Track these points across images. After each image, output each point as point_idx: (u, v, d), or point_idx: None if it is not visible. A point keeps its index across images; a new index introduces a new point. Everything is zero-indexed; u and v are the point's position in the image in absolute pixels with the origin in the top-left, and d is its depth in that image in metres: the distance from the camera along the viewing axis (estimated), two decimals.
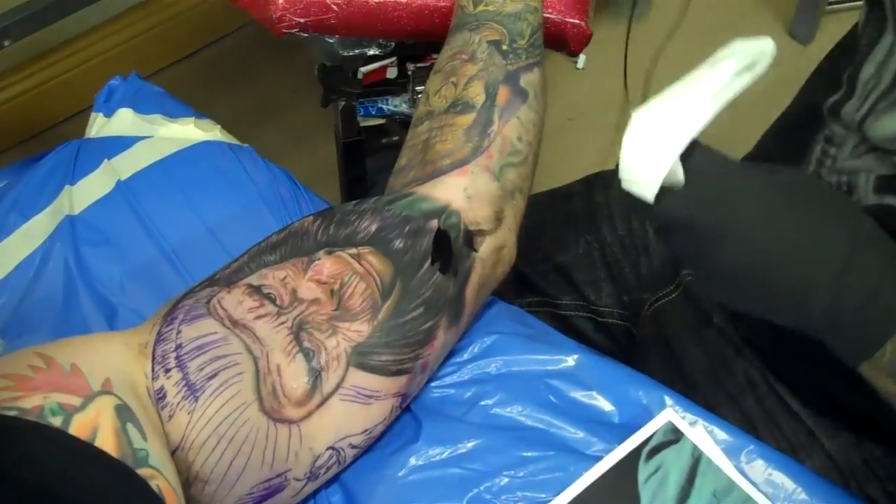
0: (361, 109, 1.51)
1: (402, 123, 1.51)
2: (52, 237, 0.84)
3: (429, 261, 0.73)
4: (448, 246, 0.75)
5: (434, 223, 0.75)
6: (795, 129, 0.77)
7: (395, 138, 1.47)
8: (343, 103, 1.25)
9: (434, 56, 0.93)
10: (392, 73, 1.55)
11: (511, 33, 0.86)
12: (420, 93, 1.51)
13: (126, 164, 0.88)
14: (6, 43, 1.42)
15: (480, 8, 0.89)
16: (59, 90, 1.84)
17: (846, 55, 0.82)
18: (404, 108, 1.58)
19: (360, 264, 0.72)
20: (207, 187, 0.88)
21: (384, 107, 1.57)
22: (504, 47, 0.86)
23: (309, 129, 1.83)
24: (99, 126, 0.93)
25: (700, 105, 0.63)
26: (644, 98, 0.65)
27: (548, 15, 1.00)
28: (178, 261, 0.83)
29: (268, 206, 0.87)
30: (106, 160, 0.89)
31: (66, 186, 0.87)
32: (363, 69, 1.45)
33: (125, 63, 1.39)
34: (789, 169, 0.65)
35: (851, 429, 0.84)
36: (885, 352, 0.62)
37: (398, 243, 0.74)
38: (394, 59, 1.53)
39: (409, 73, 1.55)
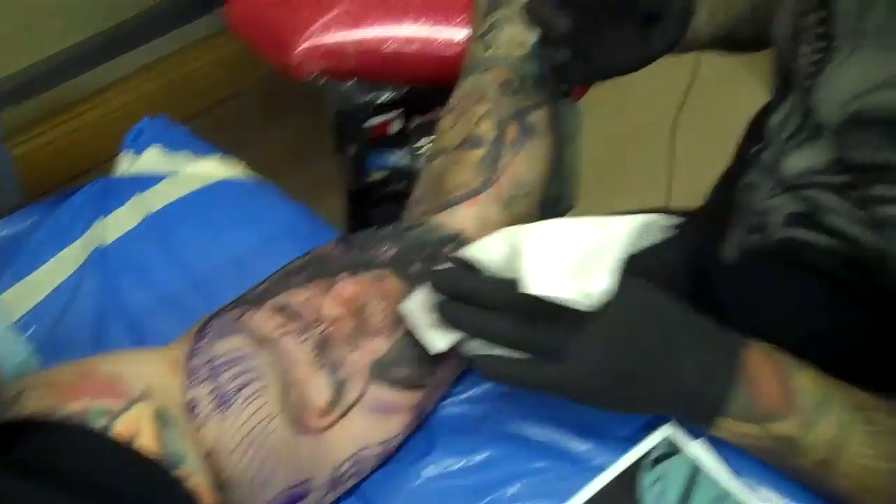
0: (365, 163, 1.57)
1: (406, 175, 1.57)
2: (84, 266, 0.89)
3: None
4: None
5: (450, 248, 0.80)
6: (727, 180, 0.84)
7: (401, 186, 1.52)
8: (354, 150, 1.30)
9: (439, 109, 0.98)
10: (396, 126, 1.61)
11: (520, 75, 0.92)
12: (423, 147, 1.57)
13: (154, 200, 0.94)
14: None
15: (490, 52, 0.95)
16: (75, 147, 1.90)
17: (769, 111, 0.91)
18: (406, 162, 1.63)
19: (381, 286, 0.77)
20: (232, 221, 0.93)
21: (386, 161, 1.62)
22: (513, 87, 0.91)
23: (319, 182, 1.89)
24: (128, 163, 0.99)
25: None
26: None
27: None
28: (204, 289, 0.87)
29: (290, 239, 0.91)
30: (134, 195, 0.94)
31: (97, 219, 0.92)
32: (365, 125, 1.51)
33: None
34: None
35: None
36: (734, 399, 0.73)
37: (416, 267, 0.79)
38: (398, 111, 1.59)
39: (413, 127, 1.61)
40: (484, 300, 0.72)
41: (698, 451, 0.78)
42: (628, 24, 0.84)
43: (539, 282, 0.68)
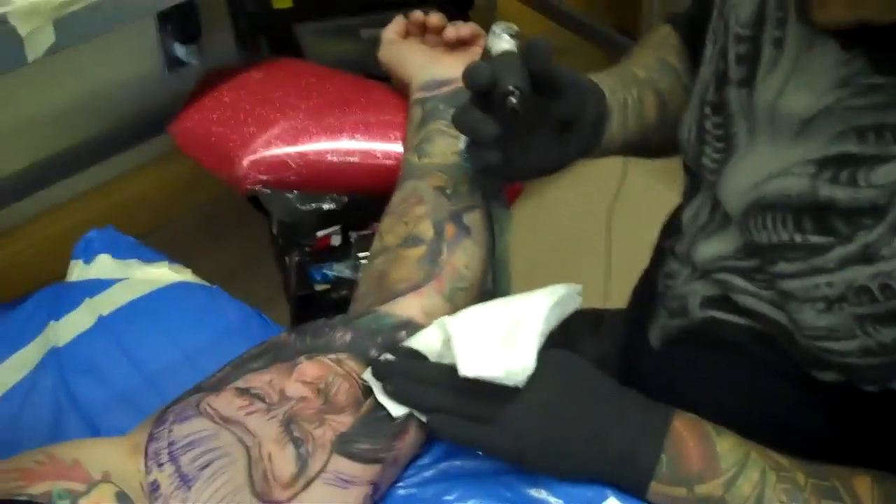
0: (309, 273, 1.61)
1: (349, 284, 1.62)
2: (39, 366, 0.91)
3: None
4: None
5: (403, 334, 0.84)
6: (650, 271, 0.92)
7: (345, 293, 1.56)
8: (297, 258, 1.35)
9: (376, 224, 1.04)
10: (336, 240, 1.66)
11: (453, 180, 0.98)
12: (362, 258, 1.63)
13: (106, 302, 0.96)
14: None
15: (426, 160, 1.02)
16: (21, 268, 1.91)
17: (682, 207, 1.00)
18: (348, 273, 1.68)
19: (341, 367, 0.81)
20: (183, 321, 0.96)
21: (329, 272, 1.67)
22: (448, 192, 0.98)
23: (265, 293, 1.92)
24: (79, 272, 1.02)
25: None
26: None
27: None
28: (158, 386, 0.90)
29: (241, 337, 0.95)
30: (87, 299, 0.97)
31: (51, 322, 0.94)
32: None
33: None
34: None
35: None
36: (662, 463, 0.79)
37: (373, 351, 0.83)
38: (337, 227, 1.65)
39: (353, 240, 1.66)
40: (427, 381, 0.80)
41: None
42: (547, 130, 0.91)
43: (468, 365, 0.76)
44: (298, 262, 1.37)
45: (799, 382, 0.85)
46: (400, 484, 0.84)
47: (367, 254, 1.61)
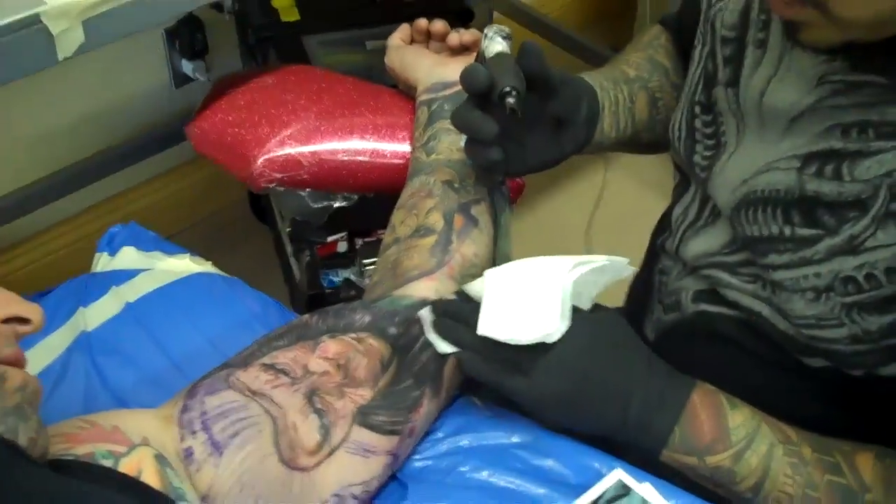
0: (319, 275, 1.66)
1: (356, 287, 1.66)
2: (69, 349, 0.95)
3: (419, 343, 0.87)
4: None
5: (425, 309, 0.88)
6: (644, 268, 0.96)
7: (353, 293, 1.61)
8: (308, 258, 1.39)
9: (381, 232, 1.08)
10: (342, 247, 1.71)
11: (460, 174, 1.03)
12: (367, 265, 1.68)
13: (132, 290, 1.01)
14: None
15: (433, 157, 1.06)
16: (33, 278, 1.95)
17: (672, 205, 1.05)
18: (353, 278, 1.73)
19: (362, 345, 0.85)
20: (207, 308, 1.00)
21: (335, 279, 1.72)
22: (455, 185, 1.02)
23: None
24: (104, 263, 1.06)
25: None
26: None
27: None
28: (185, 368, 0.94)
29: (262, 325, 0.99)
30: (114, 287, 1.01)
31: (80, 308, 0.99)
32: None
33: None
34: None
35: None
36: (676, 434, 0.84)
37: (392, 330, 0.88)
38: (344, 234, 1.69)
39: (358, 247, 1.71)
40: (470, 323, 0.83)
41: (649, 491, 0.86)
42: (542, 128, 0.96)
43: (484, 325, 0.81)
44: (309, 261, 1.42)
45: (790, 371, 0.90)
46: (416, 456, 0.88)
47: (372, 260, 1.66)
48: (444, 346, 0.85)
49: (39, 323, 0.68)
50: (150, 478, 0.70)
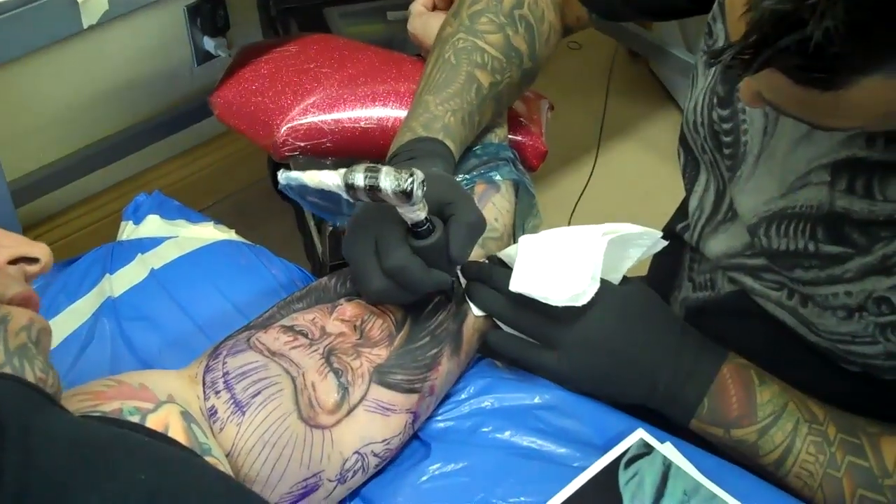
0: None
1: None
2: (96, 314, 0.96)
3: (433, 301, 0.87)
4: None
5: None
6: (663, 252, 0.96)
7: None
8: (331, 227, 1.40)
9: None
10: None
11: (482, 143, 1.03)
12: None
13: (157, 257, 1.02)
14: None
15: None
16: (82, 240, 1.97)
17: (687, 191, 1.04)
18: None
19: (377, 307, 0.86)
20: (231, 274, 1.01)
21: None
22: (478, 152, 1.03)
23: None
24: (129, 232, 1.07)
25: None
26: None
27: (511, 137, 1.18)
28: (209, 332, 0.95)
29: (286, 290, 0.99)
30: (139, 254, 1.02)
31: (106, 275, 1.00)
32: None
33: None
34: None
35: None
36: (704, 406, 0.85)
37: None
38: None
39: None
40: (500, 289, 0.86)
41: (670, 450, 0.86)
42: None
43: (517, 281, 0.83)
44: (332, 232, 1.42)
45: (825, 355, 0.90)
46: (439, 417, 0.89)
47: None
48: (477, 310, 0.88)
49: (47, 262, 0.67)
50: (177, 433, 0.71)
